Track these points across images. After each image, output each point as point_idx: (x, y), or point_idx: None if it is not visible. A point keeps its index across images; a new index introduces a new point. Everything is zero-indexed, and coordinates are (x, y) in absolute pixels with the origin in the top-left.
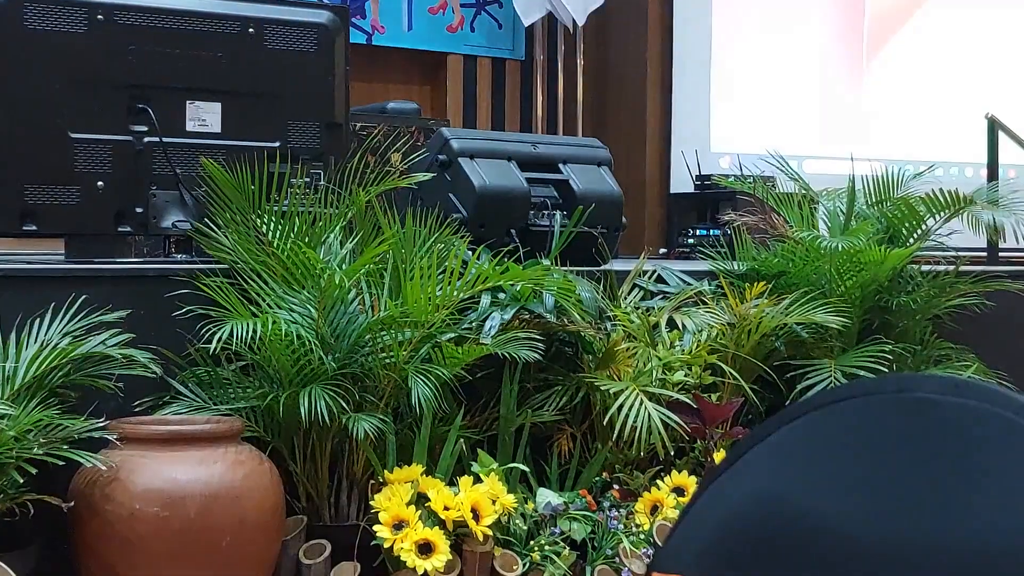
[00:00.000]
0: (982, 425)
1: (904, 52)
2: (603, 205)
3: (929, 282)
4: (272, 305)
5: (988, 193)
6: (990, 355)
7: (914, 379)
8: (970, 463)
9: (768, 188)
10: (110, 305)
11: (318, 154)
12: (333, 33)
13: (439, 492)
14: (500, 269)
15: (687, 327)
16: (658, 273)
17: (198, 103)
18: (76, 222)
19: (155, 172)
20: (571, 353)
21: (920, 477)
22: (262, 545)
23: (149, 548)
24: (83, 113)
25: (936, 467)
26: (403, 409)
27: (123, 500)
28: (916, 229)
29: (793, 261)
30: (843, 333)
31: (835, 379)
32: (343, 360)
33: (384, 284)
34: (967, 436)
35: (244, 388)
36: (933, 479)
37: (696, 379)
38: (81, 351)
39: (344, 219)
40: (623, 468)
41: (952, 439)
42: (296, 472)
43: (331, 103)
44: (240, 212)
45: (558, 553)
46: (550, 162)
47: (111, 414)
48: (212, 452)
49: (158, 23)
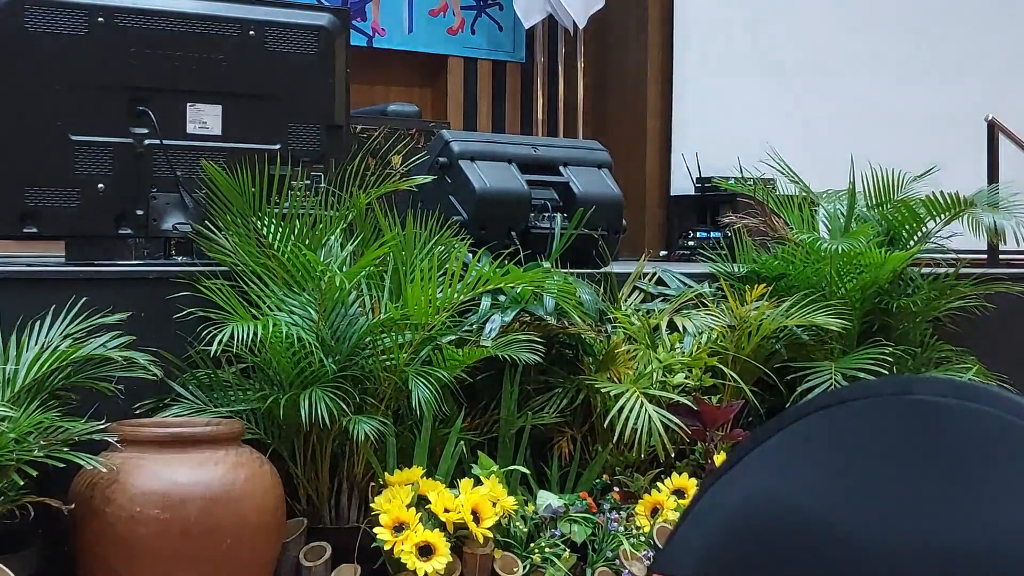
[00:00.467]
0: (982, 427)
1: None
2: (603, 207)
3: (929, 284)
4: (272, 307)
5: (988, 195)
6: (990, 357)
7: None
8: (970, 465)
9: (768, 190)
10: (111, 307)
11: (318, 156)
12: (334, 35)
13: (439, 494)
14: (500, 271)
15: (687, 329)
16: (658, 275)
17: (199, 105)
18: (76, 224)
19: (156, 174)
20: (571, 355)
21: (921, 479)
22: (262, 547)
23: (149, 550)
24: (84, 115)
25: (937, 469)
26: (403, 411)
27: (123, 502)
28: (916, 231)
29: (793, 263)
30: (843, 335)
31: (835, 381)
32: (343, 362)
33: (384, 286)
34: (967, 438)
35: (244, 390)
36: (934, 481)
37: (696, 381)
38: (81, 353)
39: (344, 221)
40: (623, 470)
41: (953, 441)
42: (296, 474)
43: (332, 105)
44: (240, 214)
45: (558, 555)
46: (550, 164)
47: (111, 416)
48: (213, 454)
49: (159, 25)
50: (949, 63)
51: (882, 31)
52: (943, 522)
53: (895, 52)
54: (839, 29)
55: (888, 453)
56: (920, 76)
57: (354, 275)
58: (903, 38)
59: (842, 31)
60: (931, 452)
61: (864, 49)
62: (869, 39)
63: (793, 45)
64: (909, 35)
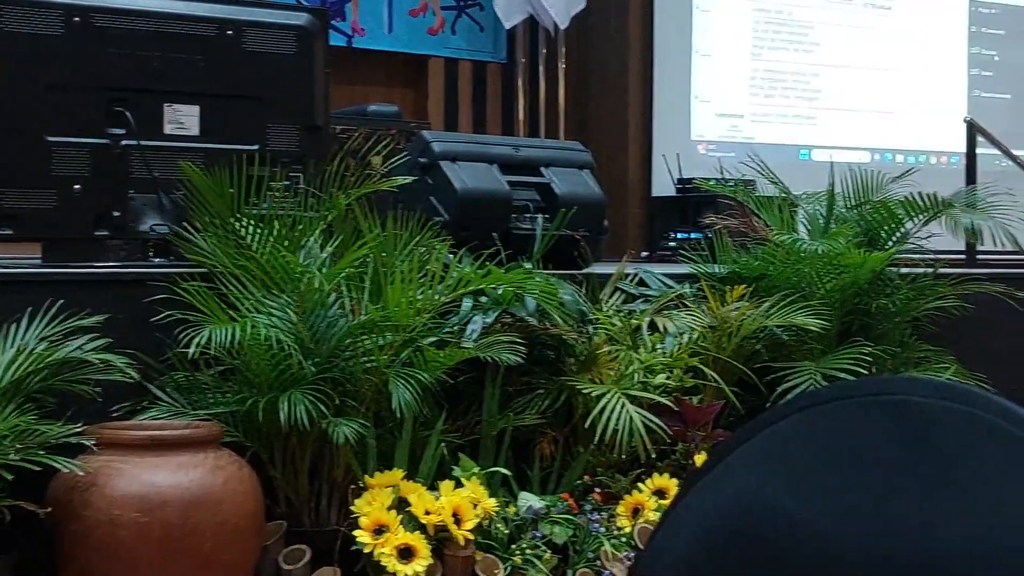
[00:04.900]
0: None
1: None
2: (585, 208)
3: (908, 285)
4: (251, 309)
5: (966, 196)
6: (969, 357)
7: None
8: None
9: (748, 191)
10: (88, 309)
11: (298, 157)
12: (313, 35)
13: (420, 496)
14: (482, 272)
15: (668, 330)
16: (640, 276)
17: (176, 106)
18: (53, 226)
19: (133, 175)
20: (553, 356)
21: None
22: (242, 550)
23: (128, 554)
24: (60, 116)
25: (917, 471)
26: (384, 413)
27: (102, 506)
28: (895, 232)
29: (773, 264)
30: (823, 336)
31: (815, 381)
32: (323, 364)
33: (365, 288)
34: (949, 439)
35: (223, 393)
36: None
37: (677, 382)
38: (59, 356)
39: (324, 223)
40: (605, 471)
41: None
42: (276, 477)
43: (311, 106)
44: (219, 216)
45: (540, 557)
46: (532, 165)
47: (89, 419)
48: (191, 457)
49: (135, 26)
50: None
51: (878, 35)
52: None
53: (873, 42)
54: (822, 33)
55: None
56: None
57: (334, 277)
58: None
59: (826, 34)
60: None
61: (849, 55)
62: (855, 45)
63: (776, 49)
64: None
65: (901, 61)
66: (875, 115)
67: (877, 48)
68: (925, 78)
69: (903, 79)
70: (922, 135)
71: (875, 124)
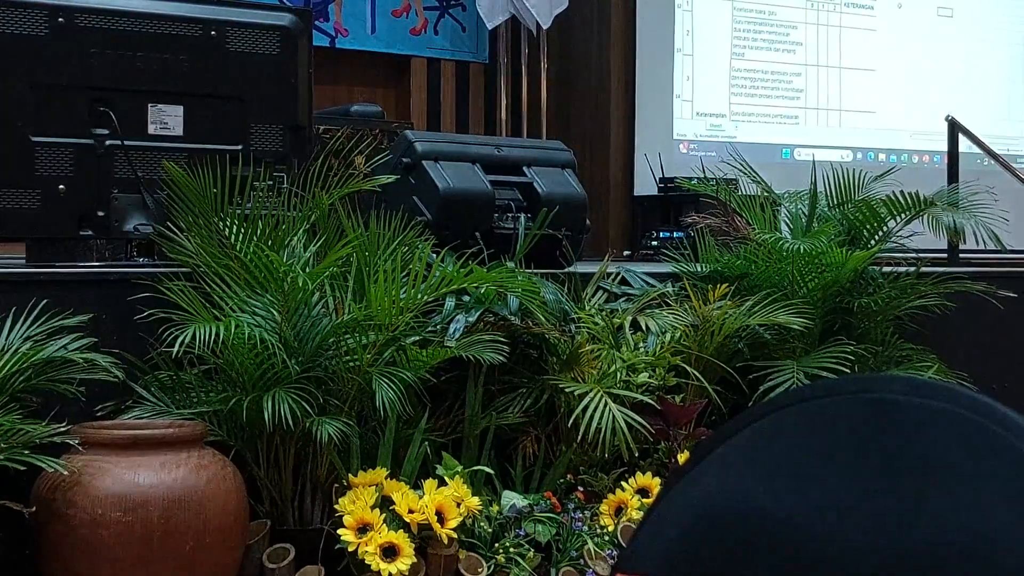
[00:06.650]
0: (944, 425)
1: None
2: (567, 208)
3: (890, 283)
4: (235, 309)
5: (948, 195)
6: (950, 356)
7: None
8: (932, 463)
9: (731, 191)
10: (71, 309)
11: (281, 157)
12: (296, 36)
13: (403, 495)
14: (464, 272)
15: (651, 329)
16: (622, 275)
17: (160, 106)
18: (37, 226)
19: (117, 175)
20: (536, 355)
21: (882, 477)
22: (225, 549)
23: (112, 553)
24: (44, 116)
25: (898, 467)
26: (367, 412)
27: (85, 505)
28: (877, 231)
29: (756, 263)
30: (805, 334)
31: (797, 380)
32: (307, 363)
33: (348, 287)
34: (929, 436)
35: (207, 392)
36: (895, 479)
37: (660, 381)
38: (42, 355)
39: (307, 222)
40: (587, 470)
41: (914, 439)
42: (260, 476)
43: (294, 106)
44: (202, 215)
45: (523, 555)
46: (514, 165)
47: (73, 419)
48: (175, 457)
49: (119, 26)
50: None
51: (860, 35)
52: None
53: (854, 43)
54: (804, 32)
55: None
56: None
57: (317, 276)
58: (896, 53)
59: (808, 33)
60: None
61: (831, 54)
62: (837, 45)
63: (757, 47)
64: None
65: (883, 61)
66: (857, 115)
67: (859, 48)
68: (907, 77)
69: (885, 79)
70: (904, 134)
71: (857, 123)
